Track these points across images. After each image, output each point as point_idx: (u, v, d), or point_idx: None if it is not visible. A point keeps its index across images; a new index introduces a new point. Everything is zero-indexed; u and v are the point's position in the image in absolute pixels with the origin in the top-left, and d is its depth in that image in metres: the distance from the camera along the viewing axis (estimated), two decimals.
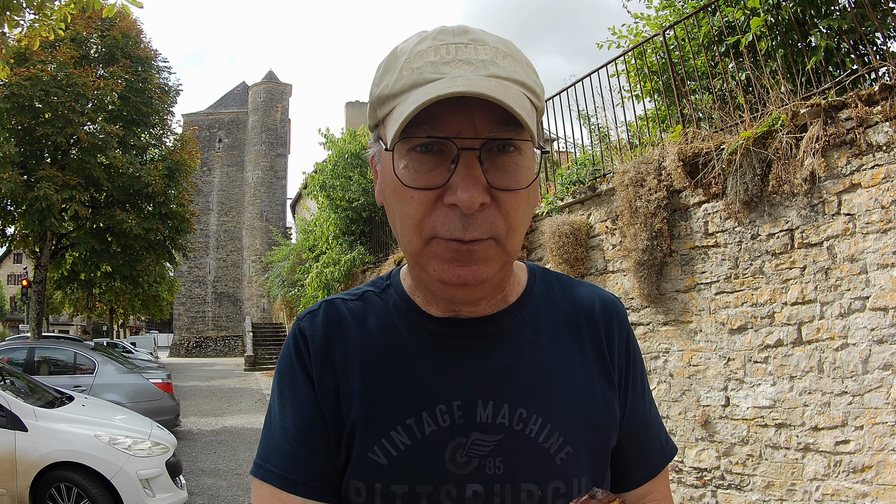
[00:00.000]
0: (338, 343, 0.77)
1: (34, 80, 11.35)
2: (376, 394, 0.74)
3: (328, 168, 11.16)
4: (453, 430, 0.72)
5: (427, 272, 0.69)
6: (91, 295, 25.52)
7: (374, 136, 0.75)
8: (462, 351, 0.75)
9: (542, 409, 0.74)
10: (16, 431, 4.45)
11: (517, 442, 0.72)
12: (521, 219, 0.69)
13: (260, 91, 37.46)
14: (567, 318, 0.81)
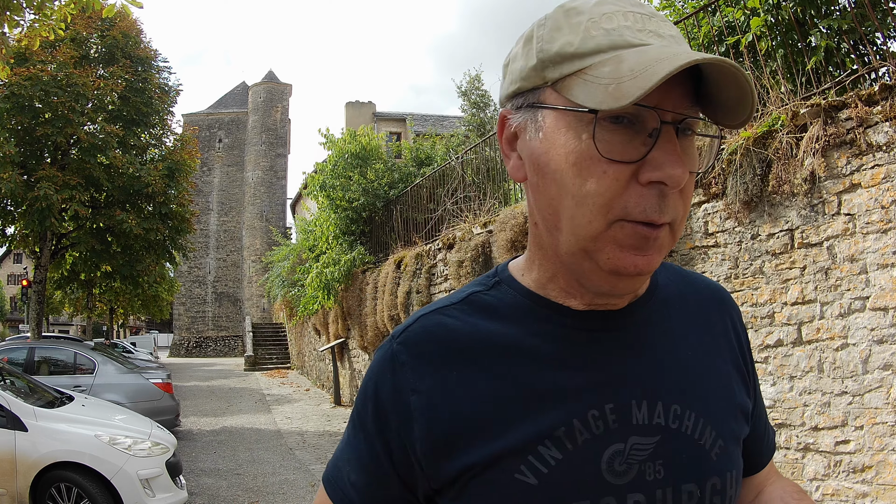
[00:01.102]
0: (450, 364, 0.67)
1: (34, 80, 11.35)
2: (514, 410, 0.65)
3: (328, 168, 11.16)
4: (609, 436, 0.65)
5: (597, 261, 0.62)
6: (91, 295, 25.52)
7: (521, 102, 0.66)
8: (607, 348, 0.68)
9: (694, 403, 0.69)
10: (16, 431, 4.45)
11: (675, 441, 0.67)
12: (689, 203, 0.65)
13: (260, 91, 37.47)
14: (694, 306, 0.76)
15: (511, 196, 7.77)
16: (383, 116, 24.49)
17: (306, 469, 7.04)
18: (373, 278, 10.02)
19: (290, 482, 6.44)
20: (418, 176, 10.49)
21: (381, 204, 10.74)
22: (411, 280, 8.68)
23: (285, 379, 19.27)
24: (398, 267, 9.14)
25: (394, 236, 10.04)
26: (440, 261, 8.03)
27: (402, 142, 15.13)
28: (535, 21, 0.66)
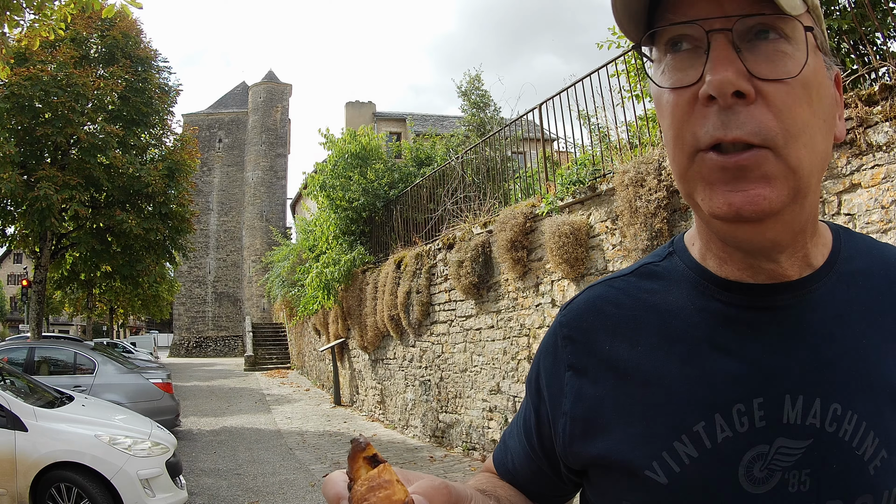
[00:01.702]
0: (606, 340, 0.64)
1: (34, 80, 11.34)
2: (658, 395, 0.60)
3: (328, 168, 11.16)
4: (753, 435, 0.57)
5: (700, 206, 0.56)
6: (91, 295, 25.52)
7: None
8: (765, 330, 0.60)
9: (860, 404, 0.57)
10: (16, 431, 4.45)
11: (828, 448, 0.57)
12: (801, 122, 0.54)
13: (260, 91, 37.47)
14: (884, 286, 0.63)
15: (511, 196, 7.77)
16: (383, 116, 24.49)
17: (306, 469, 7.04)
18: (373, 278, 10.02)
19: (290, 482, 6.44)
20: (418, 176, 10.49)
21: (381, 204, 10.74)
22: (411, 280, 8.68)
23: (285, 379, 19.26)
24: (398, 267, 9.14)
25: (394, 236, 10.04)
26: (440, 261, 8.03)
27: (402, 142, 15.12)
28: None
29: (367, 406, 11.25)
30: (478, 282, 6.95)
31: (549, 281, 5.89)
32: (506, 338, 6.58)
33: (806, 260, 0.61)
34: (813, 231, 0.61)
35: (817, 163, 0.56)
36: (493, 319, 6.84)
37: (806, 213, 0.58)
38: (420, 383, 8.70)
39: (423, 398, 8.57)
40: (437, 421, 8.15)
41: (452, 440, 7.77)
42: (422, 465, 7.05)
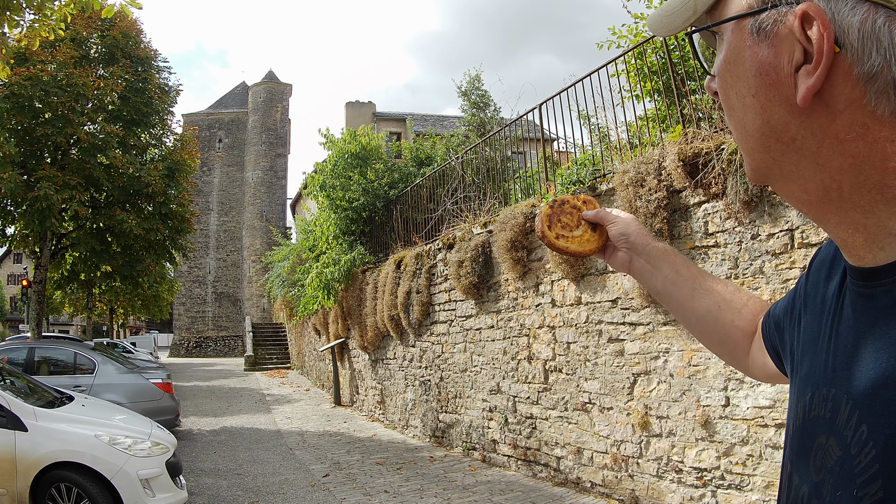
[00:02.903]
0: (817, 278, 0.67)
1: (34, 80, 11.34)
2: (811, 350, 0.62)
3: (328, 168, 11.16)
4: (821, 425, 0.55)
5: None
6: (91, 295, 25.52)
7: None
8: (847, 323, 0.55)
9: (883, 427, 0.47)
10: (16, 431, 4.45)
11: (845, 467, 0.50)
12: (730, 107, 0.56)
13: (260, 91, 37.47)
14: None
15: (511, 196, 7.78)
16: (383, 116, 24.49)
17: (306, 469, 7.04)
18: (373, 278, 10.02)
19: (290, 482, 6.44)
20: (418, 176, 10.49)
21: (381, 204, 10.74)
22: (411, 280, 8.68)
23: (285, 379, 19.26)
24: (398, 267, 9.14)
25: (394, 236, 10.04)
26: (440, 261, 8.03)
27: (402, 142, 15.12)
28: None
29: (367, 406, 11.25)
30: (478, 282, 6.95)
31: (549, 281, 5.89)
32: (506, 338, 6.58)
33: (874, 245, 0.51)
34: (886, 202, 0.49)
35: (760, 140, 0.54)
36: (493, 319, 6.84)
37: (822, 180, 0.52)
38: (420, 383, 8.70)
39: (423, 398, 8.57)
40: (437, 421, 8.15)
41: (452, 440, 7.77)
42: (422, 465, 7.05)
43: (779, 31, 0.50)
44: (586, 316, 5.41)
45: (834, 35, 0.47)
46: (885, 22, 0.46)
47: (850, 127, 0.49)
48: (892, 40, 0.46)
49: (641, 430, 4.79)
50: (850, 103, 0.48)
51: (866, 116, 0.48)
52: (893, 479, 0.45)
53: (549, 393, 5.87)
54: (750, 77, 0.53)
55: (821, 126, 0.50)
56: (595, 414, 5.28)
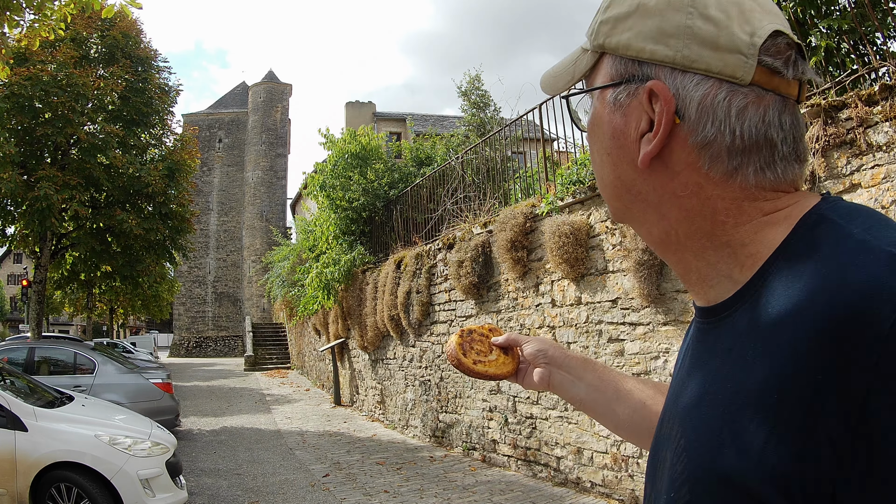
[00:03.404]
0: None
1: (34, 80, 11.34)
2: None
3: (328, 168, 11.16)
4: (663, 441, 0.59)
5: None
6: (91, 295, 25.52)
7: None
8: (690, 351, 0.61)
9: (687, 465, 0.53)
10: (16, 431, 4.45)
11: (669, 475, 0.55)
12: (594, 162, 0.64)
13: (260, 91, 37.47)
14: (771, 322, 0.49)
15: (511, 196, 7.77)
16: (383, 116, 24.49)
17: (306, 469, 7.04)
18: (373, 278, 10.02)
19: (290, 482, 6.44)
20: (418, 176, 10.49)
21: (381, 204, 10.74)
22: (411, 280, 8.68)
23: (285, 379, 19.27)
24: (398, 267, 9.14)
25: (394, 236, 10.04)
26: (440, 261, 8.03)
27: (402, 142, 15.12)
28: None
29: (367, 406, 11.25)
30: (478, 282, 6.95)
31: (550, 281, 5.89)
32: None
33: (733, 280, 0.55)
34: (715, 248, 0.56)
35: (613, 190, 0.62)
36: (493, 319, 6.84)
37: (663, 227, 0.59)
38: (420, 383, 8.70)
39: (423, 398, 8.57)
40: (437, 421, 8.15)
41: (452, 440, 7.77)
42: (422, 465, 7.05)
43: (630, 103, 0.57)
44: (586, 316, 5.41)
45: (675, 108, 0.54)
46: (726, 96, 0.53)
47: (685, 186, 0.56)
48: (729, 112, 0.53)
49: None
50: (687, 166, 0.55)
51: (700, 177, 0.55)
52: (697, 483, 0.50)
53: (549, 393, 5.86)
54: (606, 139, 0.61)
55: (661, 183, 0.57)
56: None
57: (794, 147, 0.55)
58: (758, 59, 0.53)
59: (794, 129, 0.54)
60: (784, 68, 0.53)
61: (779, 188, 0.55)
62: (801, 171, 0.56)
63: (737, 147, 0.53)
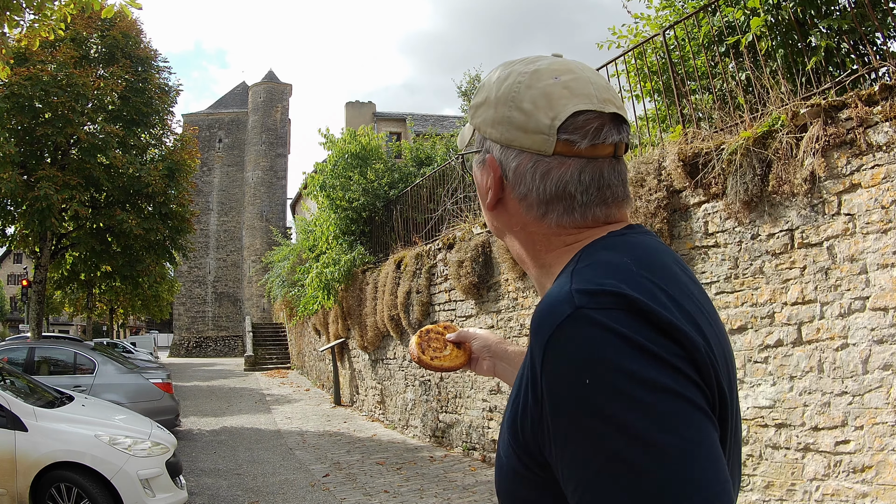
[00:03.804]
0: None
1: (34, 80, 11.34)
2: None
3: (328, 168, 11.16)
4: None
5: None
6: (91, 295, 25.52)
7: None
8: None
9: None
10: (16, 431, 4.45)
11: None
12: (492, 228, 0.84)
13: (260, 91, 37.46)
14: None
15: None
16: (383, 116, 24.49)
17: (306, 469, 7.04)
18: (373, 278, 10.02)
19: (290, 482, 6.44)
20: (418, 176, 10.49)
21: (381, 204, 10.74)
22: (411, 280, 8.68)
23: (285, 379, 19.26)
24: (398, 267, 9.14)
25: (394, 236, 10.04)
26: (440, 261, 8.03)
27: (402, 142, 15.12)
28: None
29: (367, 406, 11.25)
30: (478, 282, 6.95)
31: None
32: (506, 338, 6.57)
33: (542, 293, 0.76)
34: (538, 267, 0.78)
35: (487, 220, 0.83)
36: (493, 319, 6.84)
37: (515, 250, 0.81)
38: (420, 383, 8.70)
39: (423, 398, 8.57)
40: (437, 421, 8.15)
41: (452, 440, 7.77)
42: (422, 464, 7.05)
43: (484, 166, 0.78)
44: None
45: (501, 173, 0.75)
46: (534, 165, 0.72)
47: (517, 224, 0.77)
48: (535, 176, 0.72)
49: None
50: (516, 211, 0.76)
51: (524, 219, 0.75)
52: (499, 483, 0.70)
53: None
54: (478, 185, 0.81)
55: (505, 221, 0.79)
56: None
57: (597, 195, 0.72)
58: (557, 136, 0.70)
59: (597, 182, 0.71)
60: (581, 140, 0.70)
61: (582, 226, 0.73)
62: (608, 210, 0.73)
63: (543, 199, 0.72)
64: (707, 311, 0.68)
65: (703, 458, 0.53)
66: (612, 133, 0.71)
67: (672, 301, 0.61)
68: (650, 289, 0.61)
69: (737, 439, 0.68)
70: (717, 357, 0.62)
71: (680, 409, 0.54)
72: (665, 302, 0.60)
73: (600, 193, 0.72)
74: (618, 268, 0.64)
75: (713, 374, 0.59)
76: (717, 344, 0.64)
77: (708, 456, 0.54)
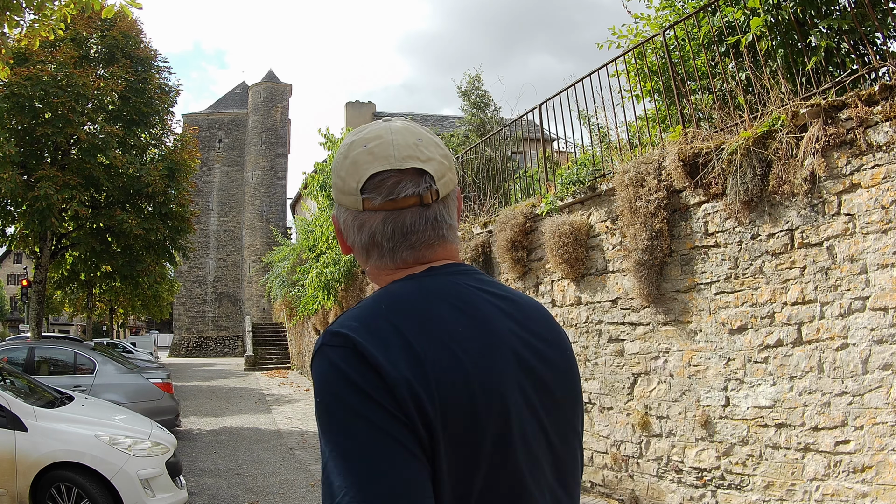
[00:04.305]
0: None
1: (34, 80, 11.34)
2: None
3: (328, 168, 11.16)
4: None
5: None
6: (91, 295, 25.51)
7: None
8: None
9: None
10: (16, 431, 4.45)
11: None
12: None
13: (260, 91, 37.47)
14: None
15: (511, 196, 7.77)
16: (383, 116, 24.48)
17: (306, 469, 7.04)
18: None
19: (290, 482, 6.44)
20: None
21: None
22: None
23: (285, 379, 19.26)
24: None
25: None
26: None
27: None
28: None
29: None
30: None
31: (549, 281, 5.89)
32: None
33: None
34: None
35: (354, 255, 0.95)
36: None
37: (371, 278, 0.95)
38: None
39: None
40: None
41: None
42: None
43: (337, 218, 0.94)
44: (586, 316, 5.41)
45: (339, 225, 0.93)
46: (353, 220, 0.88)
47: (363, 264, 0.93)
48: (354, 229, 0.89)
49: (641, 430, 4.79)
50: (358, 253, 0.92)
51: (363, 260, 0.92)
52: None
53: None
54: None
55: (360, 262, 0.93)
56: (595, 414, 5.28)
57: (402, 241, 0.86)
58: (361, 195, 0.85)
59: (400, 230, 0.85)
60: (377, 196, 0.84)
61: (394, 268, 0.88)
62: (417, 253, 0.87)
63: (363, 246, 0.89)
64: (477, 346, 0.80)
65: (367, 462, 0.71)
66: (407, 187, 0.84)
67: (403, 342, 0.76)
68: (383, 331, 0.77)
69: (510, 461, 0.78)
70: (442, 389, 0.74)
71: (361, 426, 0.72)
72: (389, 344, 0.75)
73: (405, 239, 0.86)
74: (367, 311, 0.81)
75: (413, 406, 0.72)
76: (462, 375, 0.76)
77: (370, 463, 0.71)
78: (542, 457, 0.82)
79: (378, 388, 0.73)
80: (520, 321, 0.86)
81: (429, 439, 0.73)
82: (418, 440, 0.72)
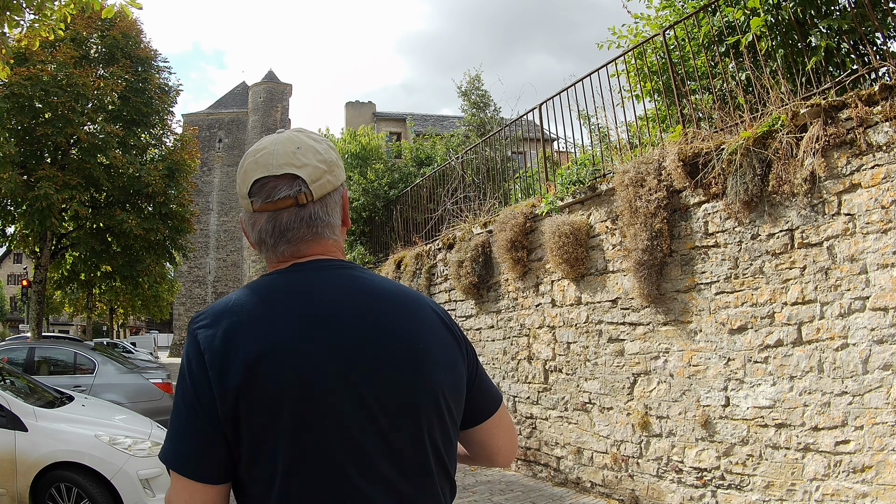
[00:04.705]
0: None
1: (34, 80, 11.34)
2: None
3: None
4: None
5: None
6: (91, 295, 25.50)
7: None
8: None
9: None
10: (16, 431, 4.45)
11: None
12: None
13: (260, 91, 37.49)
14: None
15: (511, 196, 7.77)
16: (383, 116, 24.50)
17: None
18: None
19: None
20: (418, 176, 10.49)
21: (381, 204, 10.74)
22: (411, 280, 8.67)
23: None
24: (398, 267, 9.14)
25: (394, 236, 10.04)
26: (440, 261, 8.03)
27: (402, 142, 15.13)
28: None
29: None
30: (478, 282, 6.95)
31: (549, 281, 5.89)
32: (506, 338, 6.58)
33: None
34: None
35: None
36: (493, 319, 6.84)
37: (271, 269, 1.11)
38: None
39: None
40: None
41: None
42: None
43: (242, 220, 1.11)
44: (586, 316, 5.41)
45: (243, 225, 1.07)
46: (248, 219, 1.04)
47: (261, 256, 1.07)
48: (249, 228, 1.04)
49: (641, 430, 4.79)
50: (256, 249, 1.07)
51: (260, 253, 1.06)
52: None
53: (549, 393, 5.87)
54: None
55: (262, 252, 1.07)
56: (595, 414, 5.28)
57: (280, 237, 1.00)
58: (249, 199, 1.01)
59: (278, 228, 1.00)
60: (258, 199, 1.00)
61: (276, 261, 1.03)
62: (293, 248, 1.01)
63: (257, 242, 1.04)
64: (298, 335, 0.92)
65: (176, 423, 0.94)
66: (282, 190, 0.98)
67: (236, 329, 0.91)
68: (223, 319, 0.93)
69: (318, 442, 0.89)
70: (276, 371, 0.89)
71: (180, 394, 0.92)
72: (223, 330, 0.92)
73: (283, 236, 1.00)
74: (221, 301, 0.98)
75: (223, 386, 0.89)
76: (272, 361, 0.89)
77: (176, 424, 0.94)
78: (372, 447, 0.90)
79: (203, 367, 0.90)
80: (370, 316, 0.95)
81: (232, 408, 0.88)
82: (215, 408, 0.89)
